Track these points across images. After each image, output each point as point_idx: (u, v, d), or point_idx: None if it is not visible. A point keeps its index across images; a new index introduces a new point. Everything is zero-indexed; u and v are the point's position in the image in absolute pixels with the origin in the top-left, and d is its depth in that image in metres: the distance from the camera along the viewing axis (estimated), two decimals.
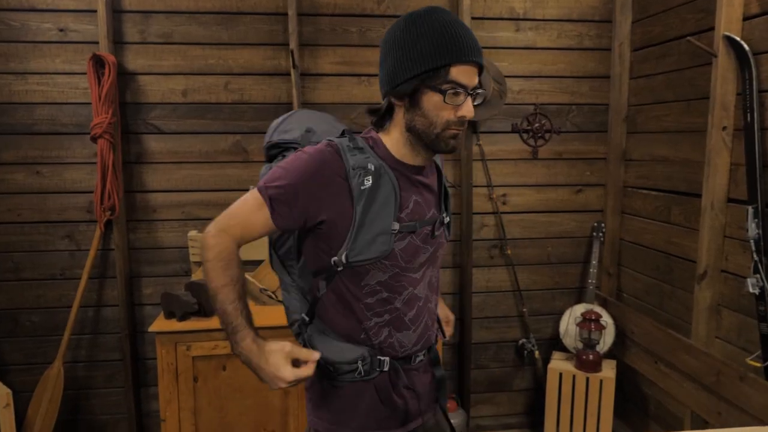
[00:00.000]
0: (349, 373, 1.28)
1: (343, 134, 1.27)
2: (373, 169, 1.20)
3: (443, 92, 1.16)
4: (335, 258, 1.21)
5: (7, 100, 2.59)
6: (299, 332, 1.36)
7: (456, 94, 1.16)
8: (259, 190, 1.22)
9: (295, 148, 1.33)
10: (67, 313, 2.66)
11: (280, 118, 1.46)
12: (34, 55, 2.58)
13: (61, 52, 2.60)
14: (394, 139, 1.25)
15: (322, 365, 1.27)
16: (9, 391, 2.54)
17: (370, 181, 1.19)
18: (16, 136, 2.61)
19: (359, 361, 1.27)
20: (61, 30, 2.58)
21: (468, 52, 1.16)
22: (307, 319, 1.31)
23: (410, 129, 1.21)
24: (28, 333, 2.72)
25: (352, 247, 1.20)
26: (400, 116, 1.23)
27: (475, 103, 1.21)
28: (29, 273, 2.69)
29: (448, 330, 1.60)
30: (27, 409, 2.64)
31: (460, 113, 1.18)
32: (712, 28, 2.21)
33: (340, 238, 1.20)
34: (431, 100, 1.17)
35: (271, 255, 1.45)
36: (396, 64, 1.18)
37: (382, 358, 1.30)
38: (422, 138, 1.21)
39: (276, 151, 1.41)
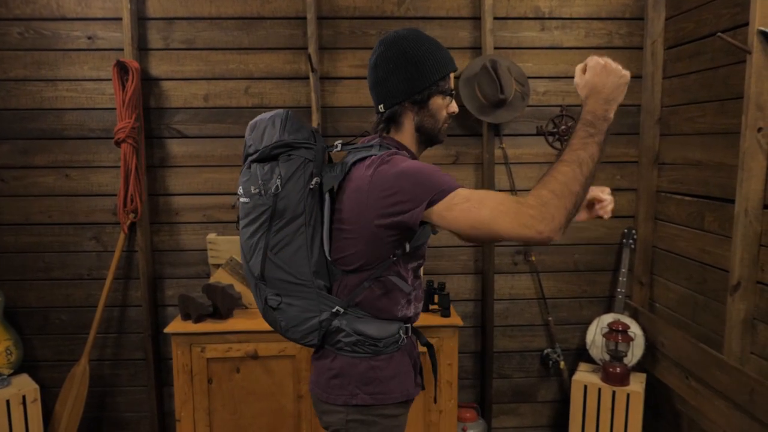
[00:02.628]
0: (393, 344, 1.45)
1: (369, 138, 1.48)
2: None
3: (450, 94, 1.44)
4: (398, 249, 1.36)
5: (38, 106, 2.69)
6: (317, 328, 1.42)
7: (451, 95, 1.46)
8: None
9: (308, 147, 1.40)
10: (93, 312, 2.74)
11: (268, 119, 1.45)
12: (63, 62, 2.67)
13: (89, 59, 2.68)
14: (408, 141, 1.45)
15: (368, 344, 1.41)
16: (37, 386, 2.64)
17: None
18: (47, 141, 2.71)
19: (399, 331, 1.45)
20: (90, 38, 2.67)
21: (454, 62, 1.46)
22: (342, 310, 1.40)
23: (419, 129, 1.44)
24: (57, 331, 2.82)
25: (416, 235, 1.37)
26: (409, 119, 1.43)
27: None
28: (59, 272, 2.79)
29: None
30: (55, 404, 2.73)
31: (451, 110, 1.46)
32: (748, 23, 2.07)
33: (416, 230, 1.34)
34: (436, 102, 1.42)
35: (310, 263, 1.41)
36: (412, 76, 1.38)
37: (407, 325, 1.49)
38: (429, 134, 1.45)
39: (283, 150, 1.39)
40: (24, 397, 2.58)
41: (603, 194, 1.46)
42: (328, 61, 2.73)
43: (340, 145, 1.47)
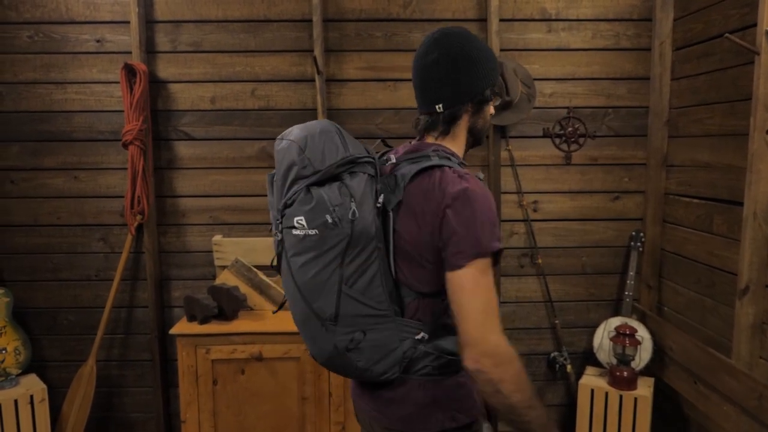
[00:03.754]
0: None
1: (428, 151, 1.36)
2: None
3: (499, 95, 1.44)
4: None
5: (48, 109, 2.72)
6: (399, 359, 1.29)
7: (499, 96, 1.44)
8: (492, 253, 1.21)
9: (370, 162, 1.29)
10: (101, 313, 2.76)
11: (321, 134, 1.28)
12: (73, 65, 2.70)
13: (97, 62, 2.70)
14: (459, 144, 1.38)
15: (455, 362, 1.30)
16: (44, 386, 2.66)
17: None
18: (56, 143, 2.74)
19: None
20: (98, 41, 2.69)
21: None
22: (427, 336, 1.30)
23: (471, 131, 1.38)
24: (65, 331, 2.84)
25: None
26: (465, 121, 1.36)
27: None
28: (67, 273, 2.81)
29: None
30: (62, 404, 2.75)
31: (492, 111, 1.43)
32: (756, 24, 2.05)
33: None
34: (488, 104, 1.39)
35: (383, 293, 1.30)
36: (478, 76, 1.32)
37: None
38: (477, 136, 1.40)
39: (346, 168, 1.26)
40: (32, 397, 2.60)
41: None
42: (334, 64, 2.74)
43: (393, 158, 1.35)
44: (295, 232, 1.25)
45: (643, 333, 2.66)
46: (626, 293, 2.77)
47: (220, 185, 2.79)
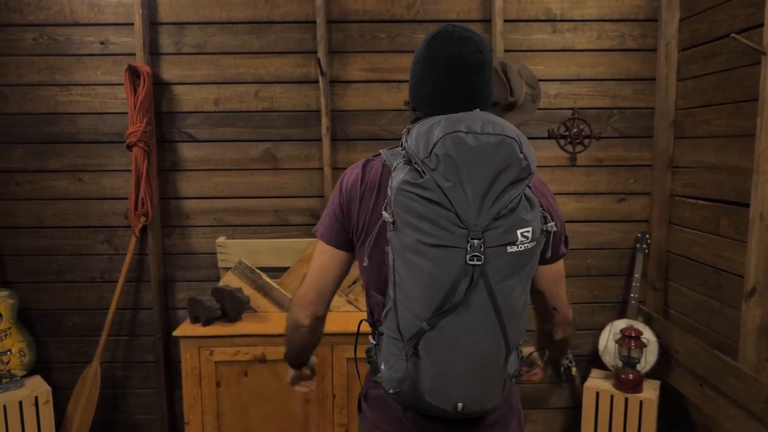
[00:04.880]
0: None
1: None
2: None
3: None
4: None
5: (52, 111, 2.72)
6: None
7: None
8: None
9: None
10: (105, 314, 2.76)
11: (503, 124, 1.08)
12: (77, 67, 2.70)
13: (102, 64, 2.71)
14: None
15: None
16: (49, 388, 2.66)
17: None
18: (61, 145, 2.74)
19: None
20: (102, 43, 2.70)
21: None
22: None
23: None
24: (70, 333, 2.85)
25: None
26: None
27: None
28: (72, 275, 2.82)
29: None
30: (67, 406, 2.76)
31: None
32: (763, 24, 2.03)
33: None
34: None
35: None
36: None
37: None
38: None
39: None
40: (36, 399, 2.60)
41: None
42: (338, 65, 2.73)
43: None
44: (511, 249, 1.02)
45: (648, 335, 2.64)
46: (632, 295, 2.75)
47: (224, 187, 2.79)
